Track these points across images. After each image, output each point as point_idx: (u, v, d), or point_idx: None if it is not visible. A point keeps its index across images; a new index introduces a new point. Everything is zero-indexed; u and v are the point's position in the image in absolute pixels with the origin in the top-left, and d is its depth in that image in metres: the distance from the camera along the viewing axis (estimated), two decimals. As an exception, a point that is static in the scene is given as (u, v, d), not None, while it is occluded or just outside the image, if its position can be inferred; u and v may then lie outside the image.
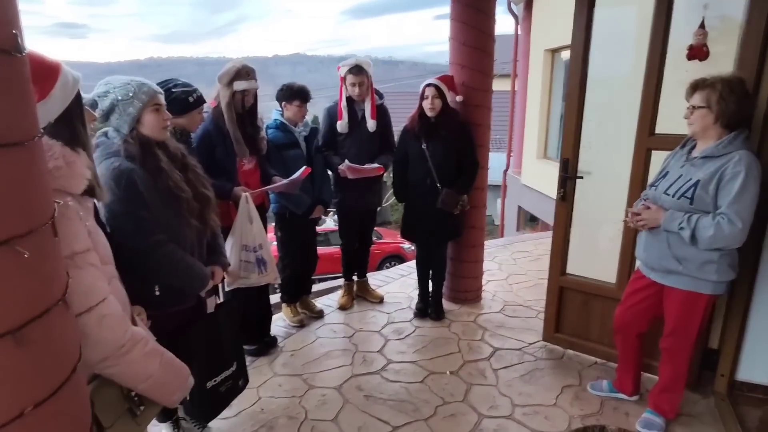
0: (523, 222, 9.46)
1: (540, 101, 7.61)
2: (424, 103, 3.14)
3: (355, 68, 3.22)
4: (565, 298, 2.97)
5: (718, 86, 1.91)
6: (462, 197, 3.22)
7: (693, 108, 1.98)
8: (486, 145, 3.56)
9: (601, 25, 2.61)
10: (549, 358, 2.99)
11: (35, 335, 0.78)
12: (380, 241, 11.47)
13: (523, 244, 5.43)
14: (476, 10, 3.25)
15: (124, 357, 1.16)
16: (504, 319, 3.52)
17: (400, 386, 2.73)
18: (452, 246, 3.67)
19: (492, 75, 3.47)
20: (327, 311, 3.66)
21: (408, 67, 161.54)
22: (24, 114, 0.78)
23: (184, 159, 1.96)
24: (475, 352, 3.09)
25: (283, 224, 3.27)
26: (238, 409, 2.51)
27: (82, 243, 1.10)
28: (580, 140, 2.73)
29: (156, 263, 1.74)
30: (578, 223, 2.86)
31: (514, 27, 8.77)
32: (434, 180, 3.20)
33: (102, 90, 1.74)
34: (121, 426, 1.19)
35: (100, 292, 1.12)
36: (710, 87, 1.93)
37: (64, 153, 1.11)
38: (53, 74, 1.08)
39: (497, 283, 4.22)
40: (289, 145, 3.10)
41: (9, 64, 0.73)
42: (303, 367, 2.92)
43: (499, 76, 15.83)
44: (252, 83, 2.62)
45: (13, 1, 0.75)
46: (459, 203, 3.20)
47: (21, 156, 0.76)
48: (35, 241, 0.77)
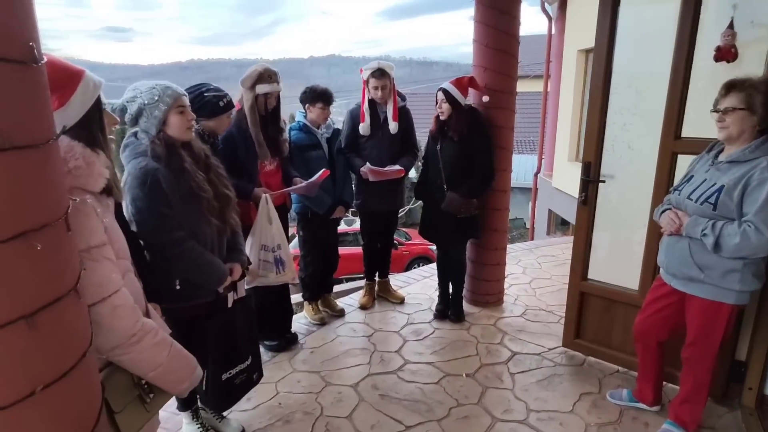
0: (554, 226, 9.27)
1: (572, 103, 7.45)
2: (436, 107, 3.21)
3: (378, 72, 3.26)
4: (587, 304, 2.92)
5: (761, 87, 1.81)
6: (468, 201, 3.20)
7: (727, 110, 1.88)
8: (509, 148, 3.53)
9: (627, 25, 2.56)
10: (568, 365, 2.94)
11: (47, 321, 0.85)
12: (409, 242, 11.48)
13: (549, 248, 5.34)
14: (500, 11, 3.23)
15: (135, 346, 1.23)
16: (525, 324, 3.49)
17: (415, 386, 2.74)
18: (473, 248, 3.66)
19: (516, 77, 3.44)
20: (348, 310, 3.71)
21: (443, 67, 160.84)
22: (40, 118, 0.85)
23: (208, 160, 2.05)
24: (493, 355, 3.07)
25: (305, 224, 3.34)
26: (257, 402, 2.59)
27: (98, 237, 1.18)
28: (603, 143, 2.68)
29: (176, 259, 1.83)
30: (600, 227, 2.80)
31: (548, 27, 8.63)
32: (443, 180, 3.22)
33: (130, 95, 1.84)
34: (131, 411, 1.26)
35: (114, 284, 1.20)
36: (751, 88, 1.82)
37: (84, 154, 1.19)
38: (73, 82, 1.16)
39: (520, 286, 4.17)
40: (311, 147, 3.17)
41: (26, 73, 0.81)
42: (322, 365, 2.98)
43: (532, 77, 15.59)
44: (274, 86, 2.69)
45: (32, 15, 0.82)
46: (463, 207, 3.19)
47: (36, 157, 0.83)
48: (48, 234, 0.85)
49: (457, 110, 3.14)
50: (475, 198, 3.24)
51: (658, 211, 2.17)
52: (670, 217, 2.06)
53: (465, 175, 3.20)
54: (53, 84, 1.11)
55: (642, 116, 2.61)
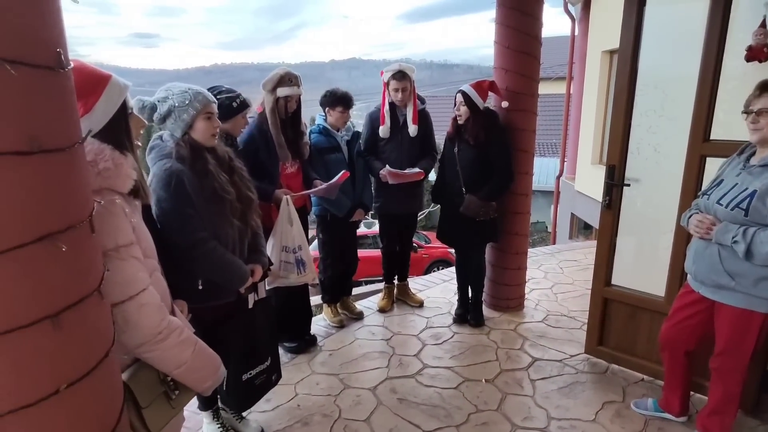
0: (576, 230, 9.12)
1: (596, 105, 7.32)
2: (455, 109, 3.19)
3: (399, 74, 3.26)
4: (610, 310, 2.85)
5: None
6: (487, 204, 3.17)
7: (761, 111, 1.81)
8: (530, 150, 3.49)
9: (653, 25, 2.51)
10: (591, 372, 2.88)
11: (71, 321, 0.87)
12: (428, 245, 11.43)
13: (572, 252, 5.25)
14: (522, 13, 3.20)
15: (161, 344, 1.26)
16: (546, 329, 3.43)
17: (434, 391, 2.72)
18: (493, 252, 3.62)
19: (537, 79, 3.40)
20: (367, 313, 3.71)
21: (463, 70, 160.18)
22: (67, 122, 0.87)
23: (231, 162, 2.08)
24: (513, 361, 3.03)
25: (324, 226, 3.35)
26: (276, 403, 2.61)
27: (126, 237, 1.20)
28: (627, 146, 2.63)
29: (199, 259, 1.86)
30: (625, 232, 2.74)
31: (571, 28, 8.51)
32: (461, 184, 3.20)
33: (162, 95, 1.88)
34: (157, 407, 1.29)
35: (141, 282, 1.22)
36: None
37: (113, 156, 1.22)
38: (98, 90, 1.19)
39: (541, 291, 4.11)
40: (331, 149, 3.18)
41: (54, 79, 0.83)
42: (340, 367, 2.98)
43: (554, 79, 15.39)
44: (294, 89, 2.71)
45: (60, 23, 0.84)
46: (482, 210, 3.16)
47: (63, 160, 0.85)
48: (73, 236, 0.86)
49: (475, 114, 3.12)
50: (494, 201, 3.21)
51: (686, 216, 2.11)
52: (698, 218, 1.99)
53: (483, 178, 3.17)
54: (78, 90, 1.13)
55: (669, 118, 2.55)
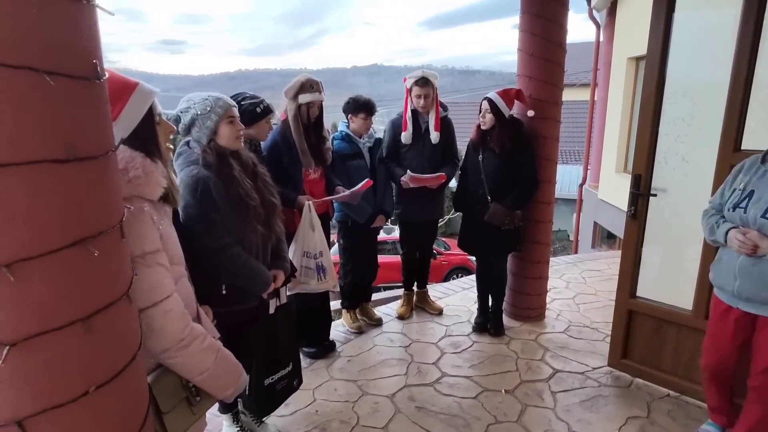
0: (599, 239, 8.95)
1: (621, 112, 7.20)
2: (479, 116, 3.18)
3: (421, 80, 3.26)
4: (635, 323, 2.79)
5: None
6: (513, 213, 3.15)
7: None
8: (553, 158, 3.44)
9: (682, 31, 2.46)
10: (614, 386, 2.81)
11: (101, 324, 0.89)
12: (448, 252, 11.36)
13: (595, 262, 5.16)
14: (546, 20, 3.17)
15: (184, 350, 1.27)
16: (567, 340, 3.37)
17: (452, 400, 2.70)
18: (514, 261, 3.58)
19: (561, 86, 3.36)
20: (386, 320, 3.70)
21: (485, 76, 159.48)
22: (100, 131, 0.90)
23: (255, 168, 2.10)
24: (533, 372, 2.98)
25: (345, 232, 3.37)
26: (294, 408, 2.62)
27: (152, 244, 1.23)
28: (654, 155, 2.57)
29: (223, 264, 1.88)
30: (651, 242, 2.68)
31: (596, 34, 8.40)
32: (485, 192, 3.18)
33: (184, 106, 1.92)
34: (178, 413, 1.30)
35: (166, 289, 1.24)
36: None
37: (144, 164, 1.25)
38: (124, 98, 1.21)
39: (563, 301, 4.04)
40: (353, 156, 3.20)
41: (89, 89, 0.85)
42: (359, 373, 2.98)
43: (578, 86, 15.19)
44: (316, 95, 2.73)
45: (96, 35, 0.87)
46: (507, 218, 3.13)
47: (96, 168, 0.87)
48: (104, 241, 0.89)
49: (501, 122, 3.10)
50: (519, 209, 3.19)
51: (715, 228, 2.03)
52: (740, 239, 1.89)
53: (508, 187, 3.15)
54: None
55: (698, 127, 2.49)
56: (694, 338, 2.53)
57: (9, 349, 0.78)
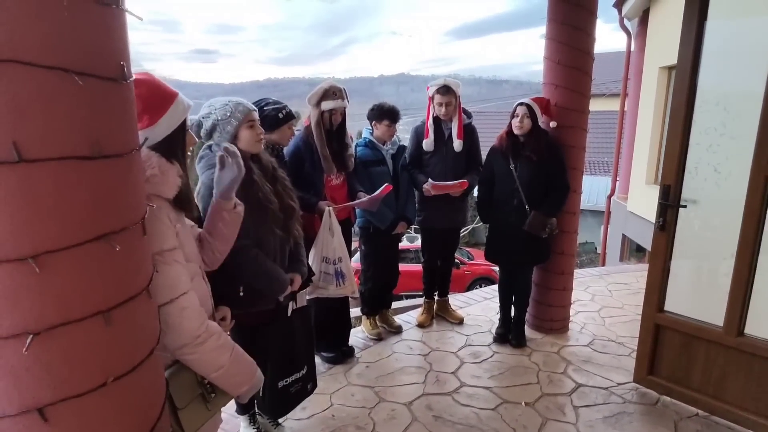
0: (628, 252, 8.73)
1: (652, 123, 7.03)
2: (513, 121, 3.12)
3: (443, 88, 3.26)
4: (662, 338, 2.70)
5: None
6: (550, 220, 3.10)
7: None
8: (580, 168, 3.39)
9: (714, 40, 2.39)
10: (639, 403, 2.72)
11: (121, 317, 0.92)
12: (471, 262, 11.26)
13: (622, 275, 5.02)
14: (573, 28, 3.14)
15: (199, 347, 1.29)
16: (591, 354, 3.28)
17: (471, 411, 2.66)
18: (538, 271, 3.52)
19: (589, 95, 3.31)
20: (405, 327, 3.68)
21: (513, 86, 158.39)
22: (126, 130, 0.93)
23: (275, 172, 2.14)
24: (555, 385, 2.91)
25: (366, 238, 3.37)
26: (312, 412, 2.62)
27: (169, 242, 1.26)
28: (684, 165, 2.50)
29: (241, 265, 1.91)
30: (680, 255, 2.60)
31: (626, 43, 8.25)
32: (521, 201, 3.13)
33: (206, 111, 1.97)
34: (193, 409, 1.32)
35: (183, 286, 1.27)
36: None
37: (160, 163, 1.28)
38: (165, 106, 1.26)
39: (588, 314, 3.94)
40: (376, 162, 3.21)
41: (116, 90, 0.89)
42: (376, 380, 2.97)
43: (607, 96, 14.91)
44: (339, 102, 2.76)
45: (124, 37, 0.91)
46: (547, 226, 3.08)
47: (121, 165, 0.91)
48: (126, 237, 0.92)
49: (537, 128, 3.07)
50: (555, 216, 3.15)
51: None
52: None
53: (541, 195, 3.11)
54: (147, 103, 1.20)
55: (731, 137, 2.41)
56: (726, 355, 2.44)
57: (32, 337, 0.81)
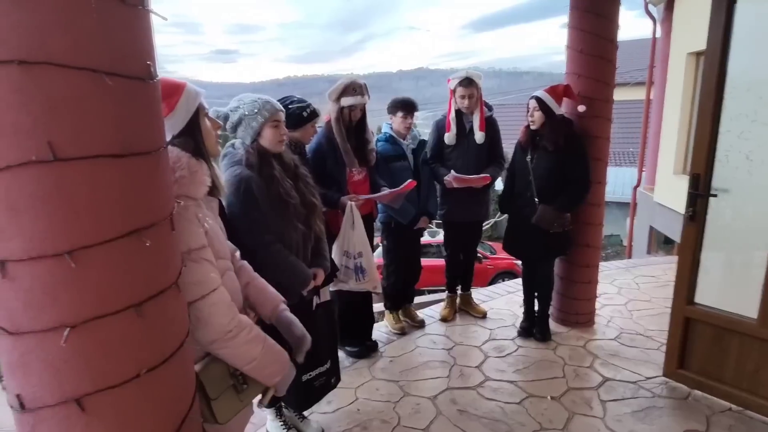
0: (656, 244, 8.52)
1: (680, 111, 6.84)
2: (528, 116, 3.10)
3: (465, 81, 3.24)
4: (693, 331, 2.63)
5: None
6: (562, 215, 3.06)
7: None
8: (604, 159, 3.32)
9: (745, 23, 2.31)
10: (669, 397, 2.67)
11: (152, 311, 0.94)
12: (493, 256, 11.16)
13: (649, 267, 4.92)
14: (596, 15, 3.07)
15: (231, 341, 1.32)
16: (619, 348, 3.23)
17: (496, 405, 2.65)
18: (562, 264, 3.48)
19: (613, 84, 3.24)
20: (428, 322, 3.68)
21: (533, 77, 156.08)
22: (153, 128, 0.95)
23: (297, 169, 2.16)
24: (581, 379, 2.87)
25: (388, 233, 3.38)
26: (337, 405, 2.65)
27: (198, 241, 1.28)
28: (714, 153, 2.43)
29: (264, 260, 1.93)
30: (710, 246, 2.53)
31: (652, 30, 8.03)
32: (533, 193, 3.10)
33: (234, 105, 2.01)
34: (226, 399, 1.35)
35: (212, 282, 1.29)
36: None
37: (189, 164, 1.31)
38: (178, 91, 1.29)
39: (614, 308, 3.87)
40: (397, 157, 3.21)
41: (143, 89, 0.91)
42: (400, 374, 2.98)
43: (632, 85, 14.54)
44: (358, 99, 2.76)
45: (150, 38, 0.93)
46: (557, 221, 3.04)
47: (149, 163, 0.93)
48: (156, 232, 0.94)
49: (551, 120, 3.02)
50: (569, 212, 3.09)
51: None
52: None
53: (558, 188, 3.06)
54: (162, 94, 1.23)
55: (763, 123, 2.33)
56: (760, 348, 2.37)
57: (70, 330, 0.84)
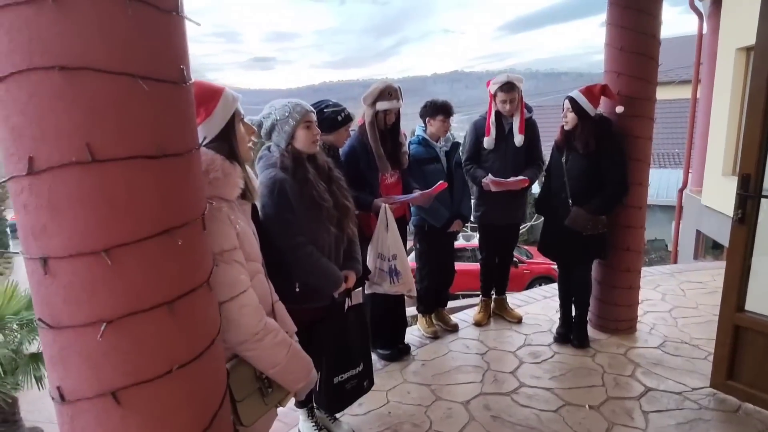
0: (703, 249, 8.12)
1: (729, 108, 6.51)
2: (562, 116, 3.04)
3: (507, 85, 3.18)
4: (743, 340, 2.49)
5: None
6: (596, 218, 2.96)
7: None
8: (646, 160, 3.19)
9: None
10: (718, 409, 2.53)
11: (183, 308, 0.97)
12: (530, 260, 10.93)
13: (696, 273, 4.69)
14: (637, 11, 2.96)
15: (258, 343, 1.34)
16: (662, 357, 3.09)
17: (531, 412, 2.58)
18: (600, 269, 3.36)
19: (655, 82, 3.11)
20: (462, 326, 3.63)
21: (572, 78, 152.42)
22: (186, 131, 0.98)
23: (330, 172, 2.18)
24: (622, 388, 2.76)
25: (421, 236, 3.36)
26: (368, 408, 2.65)
27: (229, 242, 1.31)
28: (766, 152, 2.30)
29: (296, 262, 1.96)
30: (762, 250, 2.39)
31: (698, 26, 7.69)
32: (567, 195, 3.02)
33: (266, 112, 2.05)
34: (251, 402, 1.37)
35: (242, 284, 1.32)
36: None
37: (223, 166, 1.34)
38: (216, 96, 1.33)
39: (658, 314, 3.71)
40: (430, 160, 3.19)
41: (177, 92, 0.94)
42: (432, 378, 2.95)
43: (676, 84, 13.97)
44: (393, 103, 2.76)
45: (183, 42, 0.96)
46: (589, 224, 2.94)
47: (181, 164, 0.96)
48: (188, 232, 0.97)
49: (584, 121, 2.94)
50: (604, 214, 2.99)
51: None
52: None
53: (592, 190, 2.97)
54: (201, 98, 1.27)
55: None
56: (818, 361, 2.21)
57: (106, 325, 0.87)
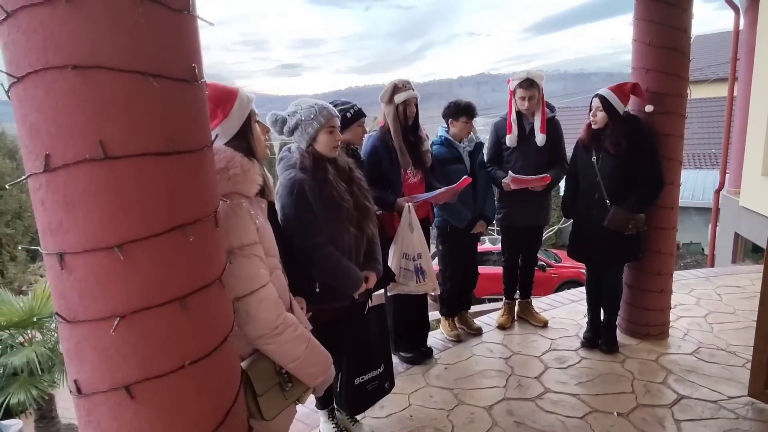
0: (742, 252, 7.78)
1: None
2: (590, 115, 2.96)
3: (526, 82, 3.13)
4: (784, 347, 2.36)
5: None
6: (636, 216, 2.86)
7: None
8: (677, 158, 3.08)
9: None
10: (756, 419, 2.40)
11: (196, 304, 0.97)
12: (558, 264, 10.71)
13: (734, 277, 4.49)
14: (666, 4, 2.87)
15: (277, 338, 1.35)
16: (696, 364, 2.96)
17: (556, 418, 2.51)
18: (631, 272, 3.25)
19: (686, 77, 3.00)
20: (485, 330, 3.57)
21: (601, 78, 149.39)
22: (198, 128, 0.99)
23: (351, 173, 2.18)
24: (653, 395, 2.66)
25: (444, 238, 3.32)
26: (390, 411, 2.62)
27: (249, 237, 1.32)
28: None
29: (316, 262, 1.97)
30: (804, 252, 2.26)
31: (734, 21, 7.40)
32: (603, 195, 2.92)
33: (292, 110, 2.06)
34: (272, 396, 1.38)
35: (262, 279, 1.33)
36: None
37: (242, 163, 1.36)
38: (232, 97, 1.35)
39: (692, 320, 3.57)
40: (453, 161, 3.16)
41: (189, 90, 0.95)
42: (455, 382, 2.90)
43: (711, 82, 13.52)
44: (410, 93, 2.77)
45: (195, 41, 0.96)
46: (631, 223, 2.84)
47: (193, 161, 0.97)
48: (200, 228, 0.97)
49: (614, 119, 2.86)
50: (642, 212, 2.90)
51: None
52: None
53: (628, 188, 2.89)
54: (218, 100, 1.29)
55: None
56: None
57: (119, 320, 0.88)
